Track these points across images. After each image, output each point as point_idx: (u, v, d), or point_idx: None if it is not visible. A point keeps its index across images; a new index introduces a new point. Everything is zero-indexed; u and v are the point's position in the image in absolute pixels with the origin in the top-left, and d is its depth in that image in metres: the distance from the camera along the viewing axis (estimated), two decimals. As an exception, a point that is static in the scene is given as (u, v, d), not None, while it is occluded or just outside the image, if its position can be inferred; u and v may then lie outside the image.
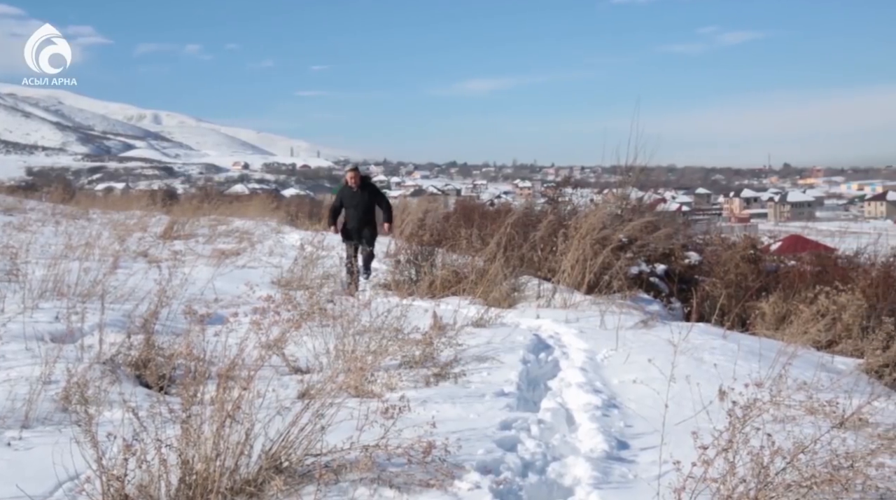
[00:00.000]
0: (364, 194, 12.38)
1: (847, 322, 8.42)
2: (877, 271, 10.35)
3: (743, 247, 12.28)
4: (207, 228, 19.00)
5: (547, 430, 5.38)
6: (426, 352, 6.74)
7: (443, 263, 11.59)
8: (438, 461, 4.15)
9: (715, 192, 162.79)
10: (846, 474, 3.59)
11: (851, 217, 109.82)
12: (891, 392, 5.93)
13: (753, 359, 6.50)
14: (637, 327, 8.66)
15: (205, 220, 20.46)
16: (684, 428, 4.35)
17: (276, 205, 28.44)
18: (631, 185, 12.99)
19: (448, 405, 5.63)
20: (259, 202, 28.06)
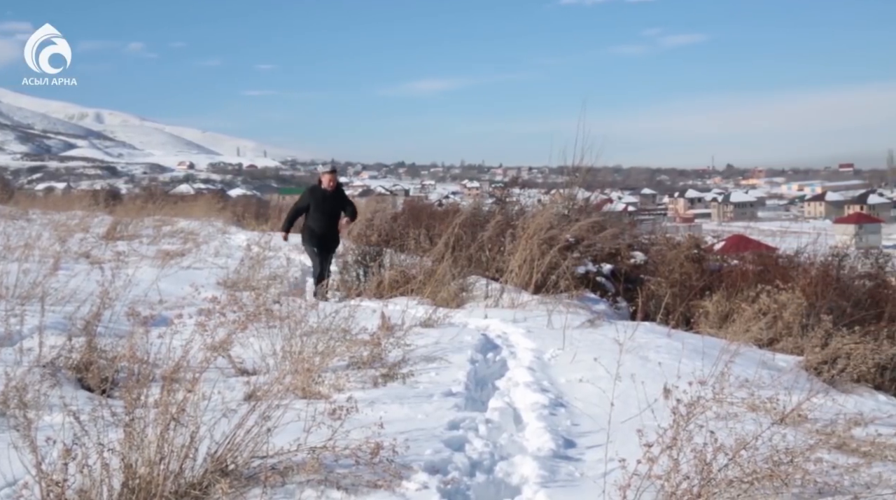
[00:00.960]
0: (336, 200, 11.75)
1: (788, 320, 8.58)
2: (816, 270, 10.55)
3: (687, 247, 12.45)
4: (152, 229, 18.70)
5: (495, 429, 5.40)
6: (374, 352, 6.72)
7: (391, 263, 11.57)
8: (386, 462, 4.15)
9: (660, 192, 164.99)
10: (786, 469, 3.66)
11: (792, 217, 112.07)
12: (829, 389, 6.07)
13: (697, 357, 6.60)
14: (584, 326, 8.74)
15: (149, 220, 20.13)
16: (630, 426, 4.40)
17: (222, 205, 28.06)
18: (578, 185, 13.09)
19: (396, 406, 5.62)
20: (205, 202, 27.68)
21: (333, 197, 11.66)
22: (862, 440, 4.68)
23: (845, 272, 11.21)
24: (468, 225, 12.45)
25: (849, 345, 7.02)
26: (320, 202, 11.56)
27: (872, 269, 12.00)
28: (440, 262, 11.00)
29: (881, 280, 11.43)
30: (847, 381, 6.95)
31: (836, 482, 3.96)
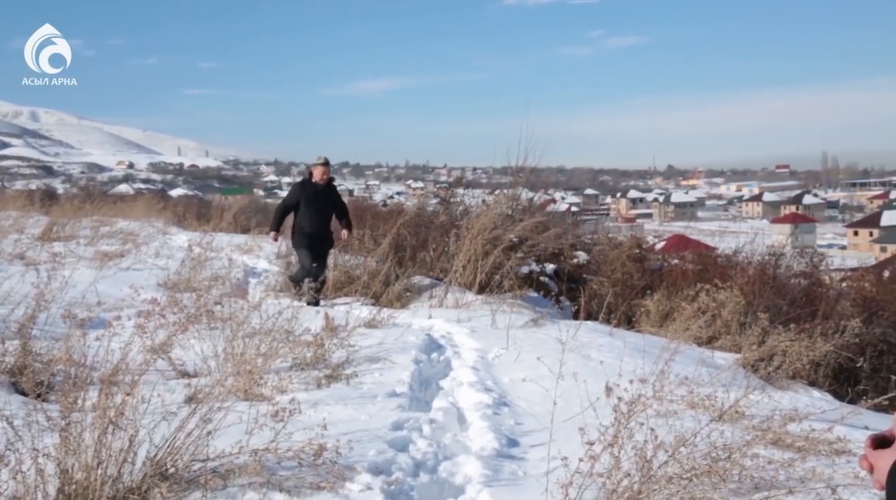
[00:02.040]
0: (329, 196, 10.74)
1: (726, 319, 8.74)
2: (753, 269, 10.78)
3: (629, 246, 12.62)
4: (90, 230, 18.31)
5: (439, 429, 5.41)
6: (318, 354, 6.68)
7: (335, 263, 11.51)
8: (329, 464, 4.13)
9: (603, 192, 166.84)
10: (724, 465, 3.73)
11: (730, 217, 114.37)
12: (765, 385, 6.20)
13: (638, 355, 6.69)
14: (527, 325, 8.80)
15: (87, 221, 19.70)
16: (572, 425, 4.44)
17: (162, 205, 27.59)
18: (521, 185, 13.15)
19: (340, 407, 5.60)
20: (145, 202, 27.17)
21: (325, 193, 10.69)
22: (797, 436, 4.79)
23: (782, 271, 11.46)
24: (412, 225, 12.47)
25: (784, 343, 7.17)
26: (311, 198, 10.59)
27: (807, 268, 12.29)
28: (384, 262, 10.99)
29: (816, 279, 11.71)
30: (783, 378, 7.10)
31: (771, 477, 4.05)
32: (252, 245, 16.16)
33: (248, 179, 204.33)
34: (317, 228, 10.51)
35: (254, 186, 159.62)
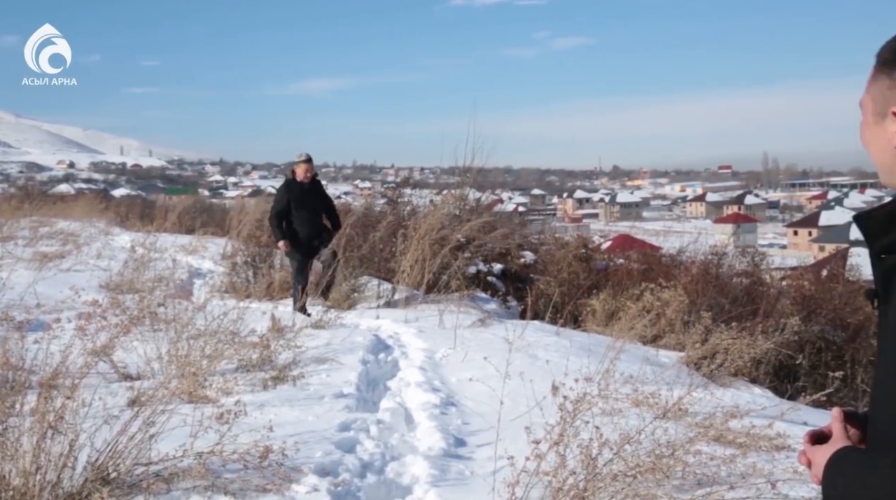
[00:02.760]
0: (316, 193, 10.23)
1: (670, 317, 8.87)
2: (697, 268, 10.93)
3: (575, 246, 12.71)
4: (28, 230, 17.92)
5: (386, 430, 5.40)
6: (264, 355, 6.63)
7: (281, 264, 11.42)
8: (276, 465, 4.10)
9: (549, 193, 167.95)
10: (667, 462, 3.79)
11: (675, 217, 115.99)
12: (708, 383, 6.30)
13: (584, 354, 6.74)
14: (475, 325, 8.83)
15: (25, 221, 19.29)
16: (519, 424, 4.46)
17: (104, 205, 27.12)
18: (469, 185, 13.18)
19: (286, 408, 5.56)
20: (86, 202, 26.68)
21: (313, 191, 10.16)
22: (738, 432, 4.88)
23: (724, 271, 11.65)
24: (360, 225, 12.41)
25: (727, 341, 7.29)
26: (300, 198, 9.97)
27: (749, 267, 12.52)
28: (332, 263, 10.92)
29: (757, 278, 11.93)
30: (725, 375, 7.23)
31: (713, 473, 4.12)
32: (197, 246, 15.95)
33: (192, 178, 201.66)
34: (311, 229, 9.97)
35: (199, 185, 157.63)
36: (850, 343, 9.18)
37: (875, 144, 1.57)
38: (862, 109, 1.60)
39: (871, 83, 1.56)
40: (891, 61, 1.51)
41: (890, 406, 1.48)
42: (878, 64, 1.54)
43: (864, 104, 1.58)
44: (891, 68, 1.51)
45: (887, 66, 1.52)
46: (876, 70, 1.55)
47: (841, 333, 9.48)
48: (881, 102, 1.53)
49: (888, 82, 1.51)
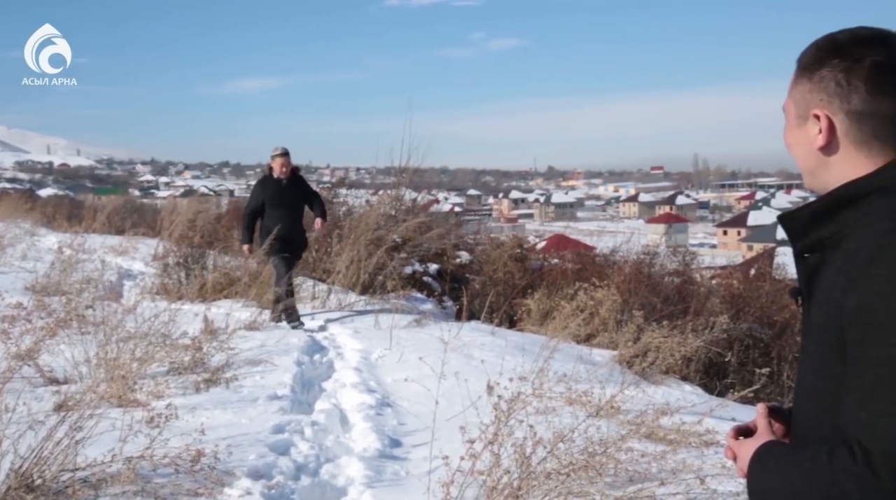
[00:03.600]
0: (296, 190, 9.39)
1: (603, 317, 8.98)
2: (629, 267, 11.07)
3: (511, 246, 12.78)
4: (-51, 231, 17.37)
5: (321, 431, 5.38)
6: (196, 357, 6.54)
7: (214, 265, 11.27)
8: (208, 469, 4.04)
9: (485, 193, 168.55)
10: (600, 459, 3.84)
11: (608, 217, 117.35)
12: (640, 381, 6.39)
13: (519, 354, 6.79)
14: (410, 325, 8.83)
15: (-55, 222, 18.70)
16: (454, 424, 4.48)
17: (30, 206, 26.34)
18: (405, 186, 13.18)
19: (219, 411, 5.50)
20: (10, 203, 25.90)
21: (292, 187, 9.30)
22: (669, 429, 4.97)
23: (656, 270, 11.82)
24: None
25: (658, 339, 7.42)
26: (276, 197, 9.20)
27: (680, 266, 12.74)
28: (266, 264, 10.82)
29: (688, 277, 12.15)
30: (657, 373, 7.36)
31: (645, 470, 4.19)
32: (127, 247, 15.62)
33: (122, 178, 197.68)
34: (289, 229, 9.06)
35: (129, 185, 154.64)
36: (776, 340, 9.39)
37: (798, 147, 1.61)
38: (785, 113, 1.64)
39: (793, 87, 1.61)
40: (810, 65, 1.56)
41: (812, 401, 1.53)
42: (799, 68, 1.59)
43: (787, 108, 1.63)
44: (811, 72, 1.55)
45: (808, 71, 1.56)
46: (797, 74, 1.59)
47: (768, 330, 9.70)
48: (803, 106, 1.58)
49: (808, 86, 1.56)
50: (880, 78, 1.49)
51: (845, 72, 1.51)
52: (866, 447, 1.31)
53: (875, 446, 1.30)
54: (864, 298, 1.37)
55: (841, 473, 1.32)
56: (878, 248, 1.39)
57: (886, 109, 1.49)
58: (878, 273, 1.36)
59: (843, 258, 1.46)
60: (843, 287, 1.42)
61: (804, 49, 1.60)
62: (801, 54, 1.59)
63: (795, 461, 1.43)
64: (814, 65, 1.55)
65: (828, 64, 1.53)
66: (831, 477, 1.33)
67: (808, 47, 1.59)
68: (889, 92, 1.49)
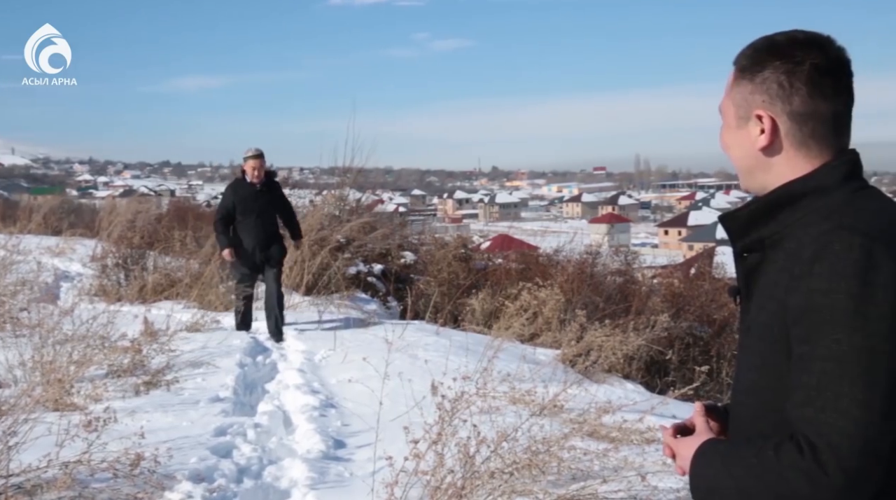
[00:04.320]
0: (270, 196, 8.71)
1: (547, 316, 9.05)
2: (572, 267, 11.18)
3: (455, 246, 12.80)
4: None
5: (264, 433, 5.34)
6: (135, 360, 6.44)
7: (155, 266, 11.11)
8: (148, 473, 3.98)
9: (430, 193, 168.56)
10: (543, 458, 3.87)
11: (552, 217, 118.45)
12: (583, 379, 6.45)
13: (463, 354, 6.81)
14: (355, 326, 8.80)
15: None
16: (398, 424, 4.47)
17: (-40, 206, 25.70)
18: (349, 186, 13.13)
19: (159, 414, 5.42)
20: (-60, 202, 25.25)
21: (266, 193, 8.62)
22: (611, 427, 5.03)
23: (599, 270, 11.95)
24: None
25: (601, 338, 7.51)
26: (247, 202, 8.51)
27: (622, 266, 12.91)
28: (207, 264, 10.69)
29: (629, 276, 12.31)
30: (599, 371, 7.44)
31: (587, 468, 4.23)
32: (64, 247, 15.31)
33: (59, 178, 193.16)
34: (260, 239, 8.49)
35: (66, 185, 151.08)
36: (715, 339, 9.56)
37: (737, 148, 1.63)
38: (722, 114, 1.66)
39: (732, 88, 1.62)
40: (750, 67, 1.58)
41: (754, 398, 1.55)
42: (739, 70, 1.61)
43: (725, 109, 1.65)
44: (752, 73, 1.57)
45: (749, 72, 1.58)
46: (737, 76, 1.61)
47: (707, 329, 9.87)
48: (744, 107, 1.59)
49: (750, 87, 1.58)
50: (819, 80, 1.52)
51: (787, 74, 1.54)
52: (813, 441, 1.33)
53: (822, 441, 1.33)
54: (808, 296, 1.40)
55: (788, 468, 1.35)
56: (820, 246, 1.41)
57: (824, 110, 1.53)
58: (820, 271, 1.39)
59: (785, 257, 1.49)
60: (786, 286, 1.44)
61: (742, 51, 1.62)
62: (740, 56, 1.62)
63: (740, 457, 1.45)
64: (755, 66, 1.57)
65: (769, 66, 1.56)
66: (779, 473, 1.36)
67: (746, 49, 1.61)
68: (827, 94, 1.53)
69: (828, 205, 1.50)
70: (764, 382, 1.51)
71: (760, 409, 1.53)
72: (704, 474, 1.53)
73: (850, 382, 1.34)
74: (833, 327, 1.36)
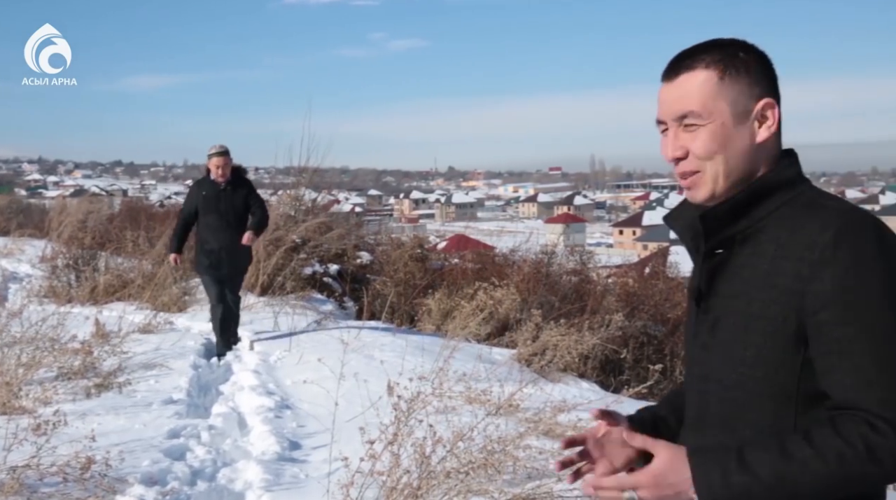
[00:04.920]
0: (237, 195, 7.94)
1: (503, 316, 9.08)
2: (528, 267, 11.23)
3: (411, 246, 12.79)
4: None
5: (218, 436, 5.29)
6: (87, 362, 6.35)
7: (107, 266, 10.95)
8: (99, 477, 3.93)
9: (386, 193, 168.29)
10: (499, 457, 3.88)
11: (508, 217, 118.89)
12: (539, 379, 6.49)
13: (419, 353, 6.81)
14: (310, 327, 8.75)
15: None
16: (354, 425, 4.46)
17: None
18: (305, 186, 13.05)
19: (111, 417, 5.35)
20: None
21: (231, 193, 7.89)
22: (566, 426, 5.05)
23: (554, 269, 12.01)
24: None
25: (556, 337, 7.55)
26: (210, 202, 7.85)
27: (577, 265, 12.99)
28: (160, 265, 10.57)
29: (585, 276, 12.38)
30: (554, 371, 7.48)
31: (543, 467, 4.25)
32: (13, 248, 15.06)
33: (7, 177, 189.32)
34: (224, 241, 7.77)
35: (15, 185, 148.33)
36: (669, 337, 9.66)
37: (733, 148, 1.57)
38: (707, 118, 1.57)
39: (721, 89, 1.56)
40: (732, 63, 1.58)
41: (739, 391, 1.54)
42: (726, 68, 1.57)
43: (712, 111, 1.57)
44: (747, 68, 1.58)
45: (732, 68, 1.57)
46: (720, 74, 1.57)
47: (661, 327, 9.97)
48: (742, 102, 1.57)
49: (747, 80, 1.57)
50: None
51: (767, 66, 1.60)
52: (891, 418, 1.37)
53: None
54: (838, 280, 1.42)
55: (875, 450, 1.37)
56: (837, 232, 1.44)
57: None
58: (846, 256, 1.42)
59: (777, 247, 1.50)
60: (796, 274, 1.46)
61: (714, 54, 1.59)
62: (717, 58, 1.58)
63: (788, 451, 1.40)
64: (737, 61, 1.57)
65: (754, 60, 1.59)
66: (864, 457, 1.37)
67: (721, 50, 1.59)
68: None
69: (800, 197, 1.55)
70: (761, 373, 1.51)
71: (749, 401, 1.53)
72: (740, 481, 1.41)
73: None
74: (872, 307, 1.41)
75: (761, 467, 1.40)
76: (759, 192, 1.57)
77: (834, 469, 1.38)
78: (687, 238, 1.71)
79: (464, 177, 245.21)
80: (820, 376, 1.45)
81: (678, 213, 1.76)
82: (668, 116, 1.62)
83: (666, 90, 1.62)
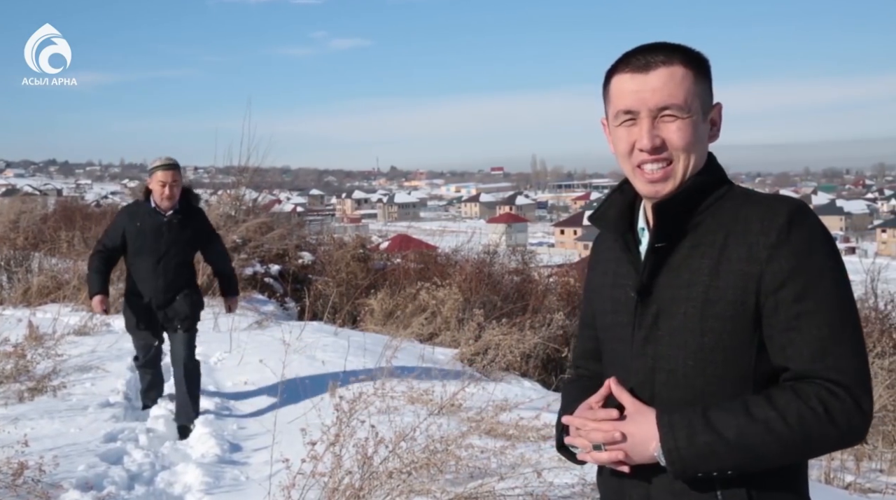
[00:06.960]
0: (185, 231, 5.81)
1: (446, 315, 9.11)
2: (471, 267, 11.27)
3: (353, 246, 12.75)
4: None
5: (156, 439, 5.22)
6: (19, 365, 6.20)
7: (40, 267, 10.70)
8: (31, 483, 3.84)
9: (328, 193, 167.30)
10: (441, 457, 3.89)
11: (451, 217, 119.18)
12: (481, 378, 6.51)
13: (362, 354, 6.80)
14: (251, 327, 8.68)
15: None
16: (296, 426, 4.43)
17: None
18: (245, 185, 12.94)
19: (45, 421, 5.24)
20: None
21: (177, 226, 5.77)
22: (508, 425, 5.09)
23: (496, 269, 12.07)
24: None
25: (498, 336, 7.60)
26: (148, 235, 5.73)
27: (519, 265, 13.06)
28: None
29: (526, 275, 12.46)
30: (497, 370, 7.52)
31: (485, 465, 4.27)
32: (-58, 248, 14.61)
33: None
34: (159, 289, 5.76)
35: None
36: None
37: (701, 143, 1.65)
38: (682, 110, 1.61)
39: (694, 84, 1.63)
40: (700, 63, 1.66)
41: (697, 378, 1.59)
42: (695, 68, 1.64)
43: (688, 104, 1.61)
44: (707, 68, 1.67)
45: (704, 68, 1.67)
46: (695, 73, 1.64)
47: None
48: (708, 101, 1.67)
49: (707, 81, 1.68)
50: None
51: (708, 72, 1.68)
52: (847, 384, 1.49)
53: (854, 382, 1.50)
54: (794, 258, 1.52)
55: (835, 413, 1.48)
56: (790, 215, 1.54)
57: None
58: (800, 237, 1.53)
59: (728, 236, 1.57)
60: (751, 257, 1.54)
61: (685, 54, 1.65)
62: (690, 57, 1.64)
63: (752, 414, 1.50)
64: (707, 65, 1.67)
65: (704, 64, 1.67)
66: (824, 418, 1.48)
67: (687, 51, 1.65)
68: None
69: (730, 193, 1.64)
70: (720, 357, 1.57)
71: (708, 386, 1.58)
72: (705, 440, 1.50)
73: (853, 328, 1.54)
74: (826, 283, 1.52)
75: (726, 427, 1.51)
76: (703, 187, 1.64)
77: (795, 430, 1.48)
78: (616, 235, 1.77)
79: (406, 177, 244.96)
80: (778, 350, 1.55)
81: (602, 212, 1.83)
82: (644, 107, 1.63)
83: (637, 81, 1.64)
